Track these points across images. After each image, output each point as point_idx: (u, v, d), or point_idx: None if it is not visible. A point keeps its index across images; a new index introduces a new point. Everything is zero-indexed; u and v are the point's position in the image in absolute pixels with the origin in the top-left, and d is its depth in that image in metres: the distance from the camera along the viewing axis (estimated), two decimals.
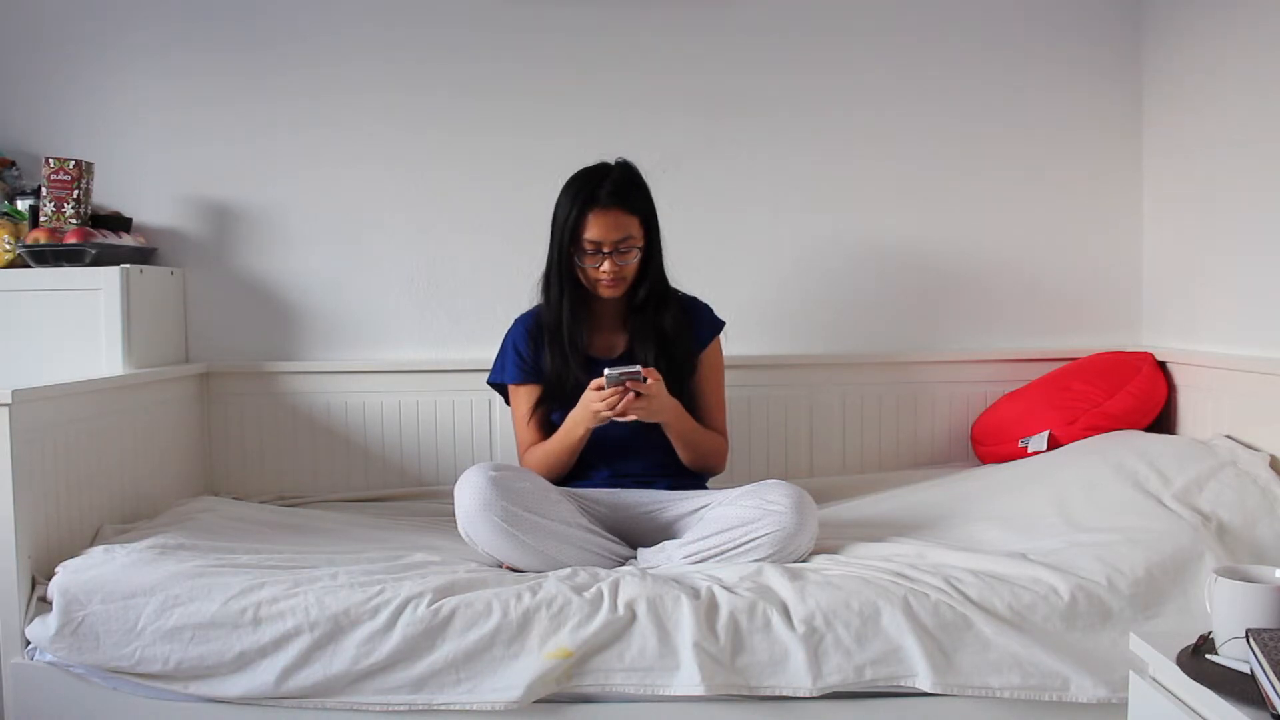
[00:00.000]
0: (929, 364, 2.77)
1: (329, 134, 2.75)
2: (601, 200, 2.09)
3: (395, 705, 1.68)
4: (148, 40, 2.73)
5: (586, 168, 2.17)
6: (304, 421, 2.72)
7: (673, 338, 2.19)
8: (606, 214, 2.09)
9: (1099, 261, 2.81)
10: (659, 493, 2.14)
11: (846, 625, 1.68)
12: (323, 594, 1.74)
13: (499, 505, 1.89)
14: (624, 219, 2.11)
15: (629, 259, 2.13)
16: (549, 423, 2.19)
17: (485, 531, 1.90)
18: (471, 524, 1.91)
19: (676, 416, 2.10)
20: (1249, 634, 1.22)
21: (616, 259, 2.11)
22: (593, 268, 2.12)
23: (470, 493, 1.91)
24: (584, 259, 2.12)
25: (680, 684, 1.65)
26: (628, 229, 2.11)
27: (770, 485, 1.98)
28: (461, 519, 1.93)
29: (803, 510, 1.91)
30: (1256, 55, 2.27)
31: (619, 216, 2.10)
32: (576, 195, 2.11)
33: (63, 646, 1.75)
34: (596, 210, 2.09)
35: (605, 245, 2.10)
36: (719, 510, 1.98)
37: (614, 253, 2.10)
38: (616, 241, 2.10)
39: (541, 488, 1.99)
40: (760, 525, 1.89)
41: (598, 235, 2.09)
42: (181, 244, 2.75)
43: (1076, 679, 1.62)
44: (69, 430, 2.02)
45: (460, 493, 1.93)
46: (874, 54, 2.78)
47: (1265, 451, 2.16)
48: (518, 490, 1.93)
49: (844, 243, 2.80)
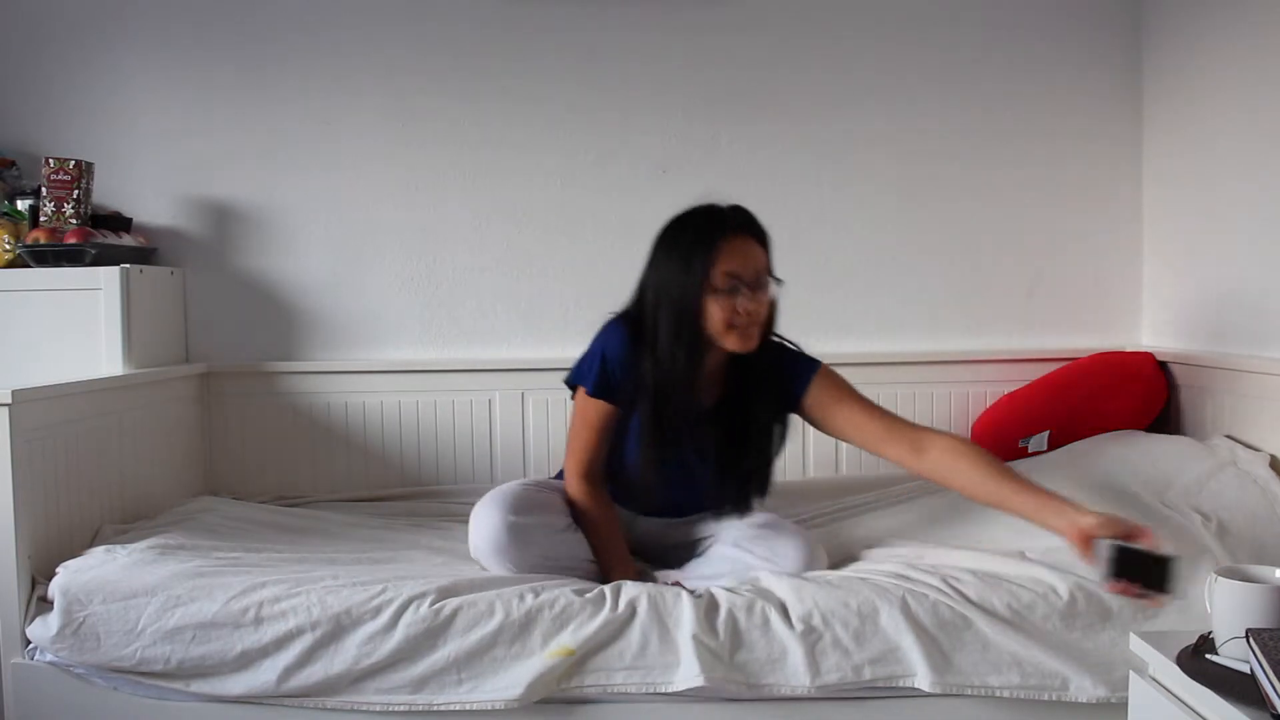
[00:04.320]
0: (929, 364, 2.77)
1: (329, 134, 2.75)
2: (733, 227, 1.84)
3: (395, 705, 1.68)
4: (148, 40, 2.73)
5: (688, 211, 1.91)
6: (304, 421, 2.72)
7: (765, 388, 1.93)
8: (744, 242, 1.84)
9: (1099, 261, 2.81)
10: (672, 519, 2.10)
11: (845, 624, 1.68)
12: (325, 593, 1.74)
13: (512, 554, 1.86)
14: (756, 249, 1.86)
15: (763, 300, 1.85)
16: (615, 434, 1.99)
17: (495, 567, 1.89)
18: (482, 558, 1.90)
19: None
20: (1249, 634, 1.22)
21: (758, 295, 1.84)
22: (728, 309, 1.81)
23: (484, 535, 1.87)
24: (718, 299, 1.81)
25: (681, 679, 1.65)
26: (762, 261, 1.86)
27: (781, 532, 1.92)
28: (473, 550, 1.91)
29: (812, 565, 1.88)
30: (1257, 55, 2.27)
31: (754, 246, 1.85)
32: (703, 228, 1.84)
33: (64, 646, 1.75)
34: (733, 238, 1.82)
35: (745, 277, 1.82)
36: (728, 550, 1.94)
37: (754, 287, 1.83)
38: (755, 275, 1.83)
39: (556, 527, 1.93)
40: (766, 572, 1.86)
41: (738, 266, 1.81)
42: (181, 244, 2.75)
43: (1076, 679, 1.62)
44: (69, 430, 2.02)
45: (475, 531, 1.89)
46: (874, 55, 2.78)
47: (1265, 451, 2.16)
48: (533, 537, 1.88)
49: (844, 242, 2.80)
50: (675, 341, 1.83)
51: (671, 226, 1.91)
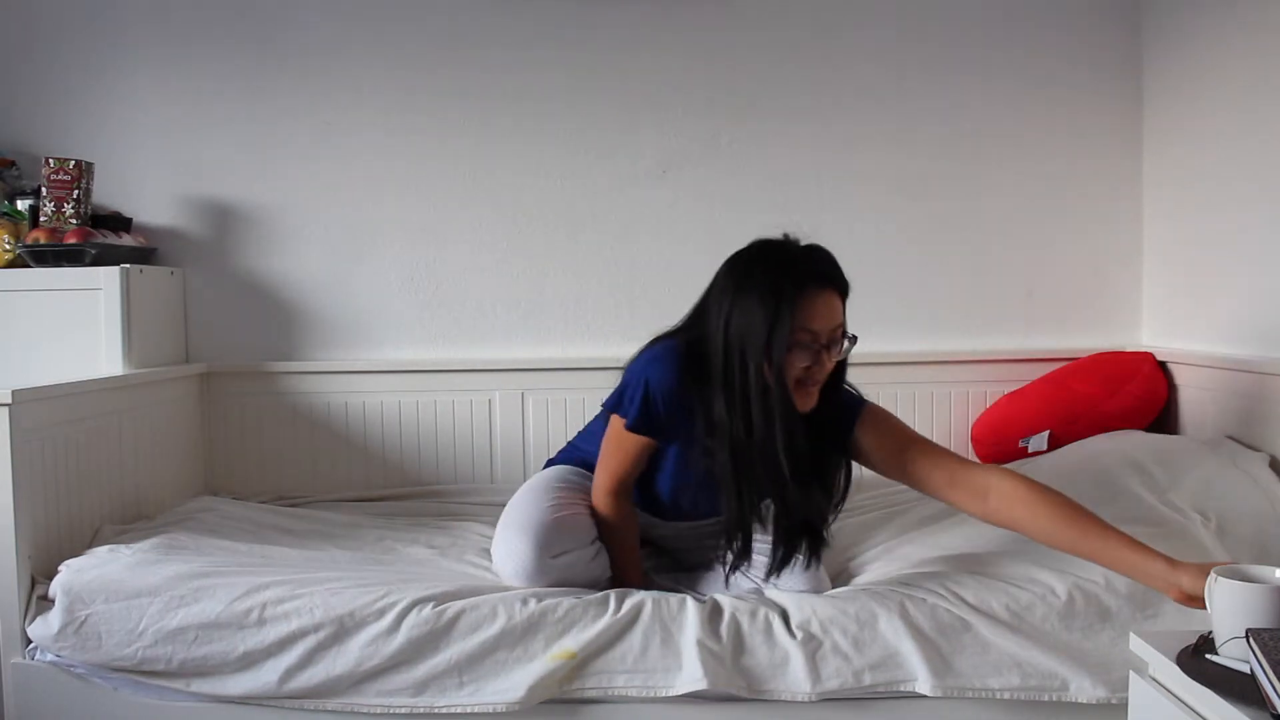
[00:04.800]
0: (929, 364, 2.77)
1: (329, 134, 2.75)
2: (820, 278, 1.68)
3: (396, 707, 1.68)
4: (148, 40, 2.73)
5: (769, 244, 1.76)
6: (304, 421, 2.72)
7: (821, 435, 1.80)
8: (827, 296, 1.68)
9: (1099, 261, 2.81)
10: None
11: (844, 631, 1.68)
12: (328, 595, 1.74)
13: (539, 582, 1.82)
14: (838, 305, 1.71)
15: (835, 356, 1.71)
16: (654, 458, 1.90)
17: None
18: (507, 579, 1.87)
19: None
20: (1249, 634, 1.22)
21: (832, 353, 1.70)
22: (797, 367, 1.67)
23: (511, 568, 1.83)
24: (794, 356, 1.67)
25: (683, 682, 1.65)
26: (840, 318, 1.71)
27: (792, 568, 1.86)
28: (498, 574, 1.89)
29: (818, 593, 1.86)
30: (1256, 55, 2.27)
31: (835, 300, 1.70)
32: (788, 271, 1.67)
33: (65, 645, 1.75)
34: (812, 289, 1.66)
35: (823, 336, 1.68)
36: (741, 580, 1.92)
37: (829, 346, 1.69)
38: (833, 332, 1.69)
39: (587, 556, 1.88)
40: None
41: (823, 323, 1.66)
42: (181, 244, 2.75)
43: (1076, 679, 1.62)
44: (69, 430, 2.02)
45: (503, 560, 1.85)
46: (874, 54, 2.78)
47: (1265, 452, 2.16)
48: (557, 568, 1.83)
49: (844, 243, 2.76)
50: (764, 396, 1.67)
51: (746, 263, 1.74)
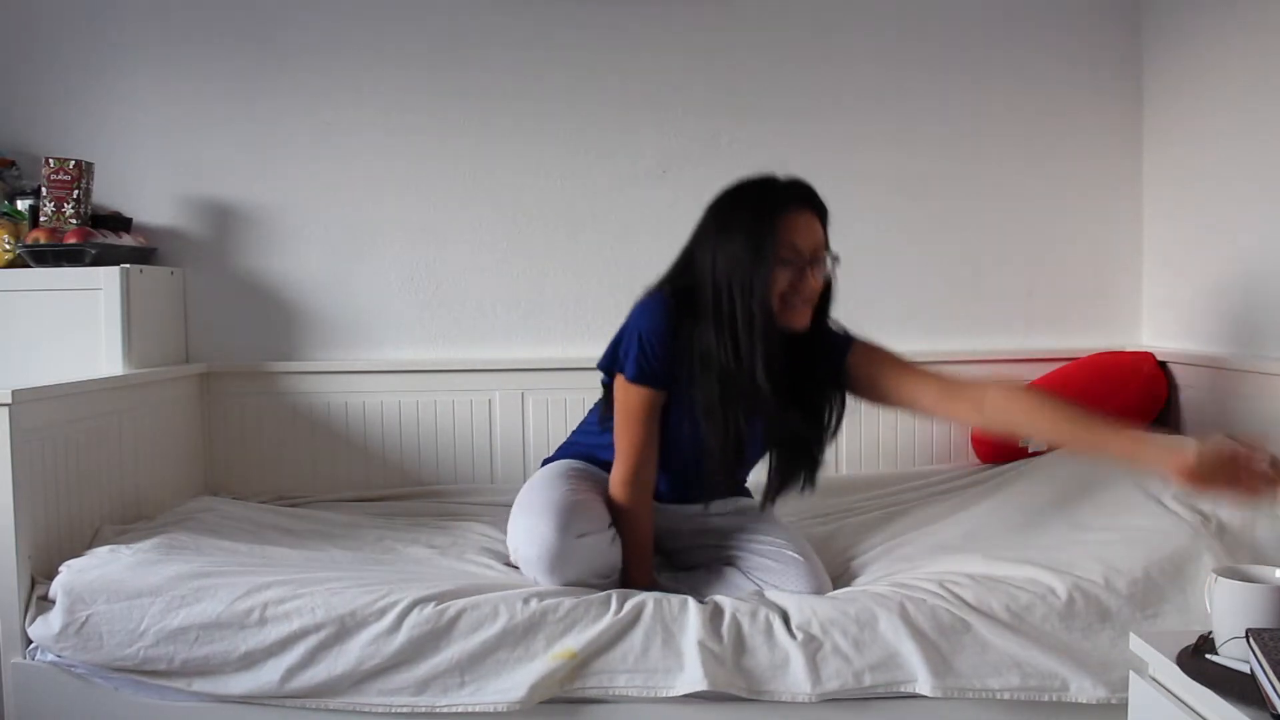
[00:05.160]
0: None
1: (329, 134, 2.75)
2: (796, 200, 1.80)
3: (398, 706, 1.68)
4: (148, 40, 2.73)
5: (746, 181, 1.87)
6: (304, 421, 2.72)
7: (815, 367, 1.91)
8: (804, 215, 1.80)
9: (1099, 261, 2.81)
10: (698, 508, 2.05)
11: (844, 632, 1.68)
12: (330, 595, 1.74)
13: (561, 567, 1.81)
14: (817, 224, 1.83)
15: (820, 274, 1.82)
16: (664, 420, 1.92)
17: (538, 578, 1.84)
18: (527, 569, 1.87)
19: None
20: (1249, 634, 1.22)
21: (816, 271, 1.81)
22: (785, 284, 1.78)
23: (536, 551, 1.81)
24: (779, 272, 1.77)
25: (684, 683, 1.65)
26: (822, 235, 1.83)
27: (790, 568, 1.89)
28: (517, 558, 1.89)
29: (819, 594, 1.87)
30: (1257, 55, 2.27)
31: (814, 220, 1.83)
32: (764, 199, 1.79)
33: (66, 646, 1.75)
34: (798, 210, 1.79)
35: (806, 252, 1.79)
36: (736, 577, 1.93)
37: (814, 263, 1.81)
38: (815, 248, 1.81)
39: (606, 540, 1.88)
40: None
41: (804, 240, 1.78)
42: (181, 244, 2.75)
43: (1076, 680, 1.62)
44: (69, 430, 2.02)
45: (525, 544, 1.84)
46: (873, 55, 2.78)
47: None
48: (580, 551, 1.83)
49: (843, 242, 2.76)
50: (750, 320, 1.76)
51: (728, 198, 1.84)
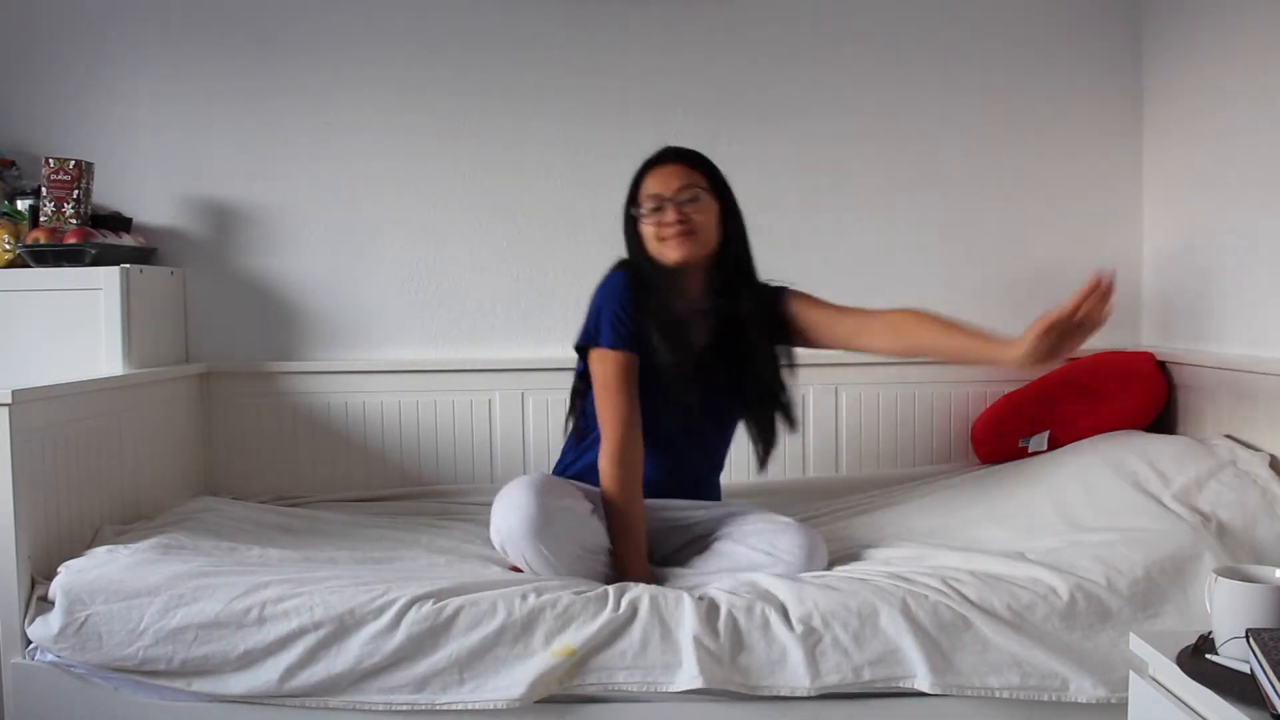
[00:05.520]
0: (929, 364, 2.77)
1: (329, 134, 2.75)
2: (656, 158, 2.03)
3: (398, 704, 1.68)
4: (148, 40, 2.73)
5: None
6: (304, 421, 2.72)
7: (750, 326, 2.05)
8: (663, 167, 2.01)
9: (1099, 261, 2.80)
10: (681, 502, 2.10)
11: (845, 626, 1.68)
12: (328, 593, 1.74)
13: (544, 533, 1.84)
14: (682, 170, 2.01)
15: (696, 209, 1.98)
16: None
17: (523, 551, 1.87)
18: (511, 543, 1.88)
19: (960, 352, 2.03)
20: (1249, 634, 1.22)
21: (684, 207, 1.97)
22: (654, 224, 1.98)
23: (517, 516, 1.85)
24: (646, 220, 1.99)
25: (681, 680, 1.65)
26: (688, 178, 1.99)
27: (782, 530, 1.94)
28: (502, 534, 1.89)
29: (813, 559, 1.90)
30: (1256, 55, 2.27)
31: (677, 168, 2.01)
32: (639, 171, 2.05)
33: (65, 646, 1.75)
34: (654, 168, 2.02)
35: (666, 194, 1.98)
36: (728, 546, 1.96)
37: (678, 202, 1.98)
38: (677, 189, 1.98)
39: (582, 512, 1.92)
40: (769, 570, 1.87)
41: (657, 187, 1.99)
42: (181, 244, 2.75)
43: (1076, 679, 1.62)
44: (69, 430, 2.02)
45: (506, 513, 1.87)
46: (873, 55, 2.78)
47: (1265, 451, 2.16)
48: (561, 518, 1.87)
49: (843, 242, 2.80)
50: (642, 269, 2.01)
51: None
